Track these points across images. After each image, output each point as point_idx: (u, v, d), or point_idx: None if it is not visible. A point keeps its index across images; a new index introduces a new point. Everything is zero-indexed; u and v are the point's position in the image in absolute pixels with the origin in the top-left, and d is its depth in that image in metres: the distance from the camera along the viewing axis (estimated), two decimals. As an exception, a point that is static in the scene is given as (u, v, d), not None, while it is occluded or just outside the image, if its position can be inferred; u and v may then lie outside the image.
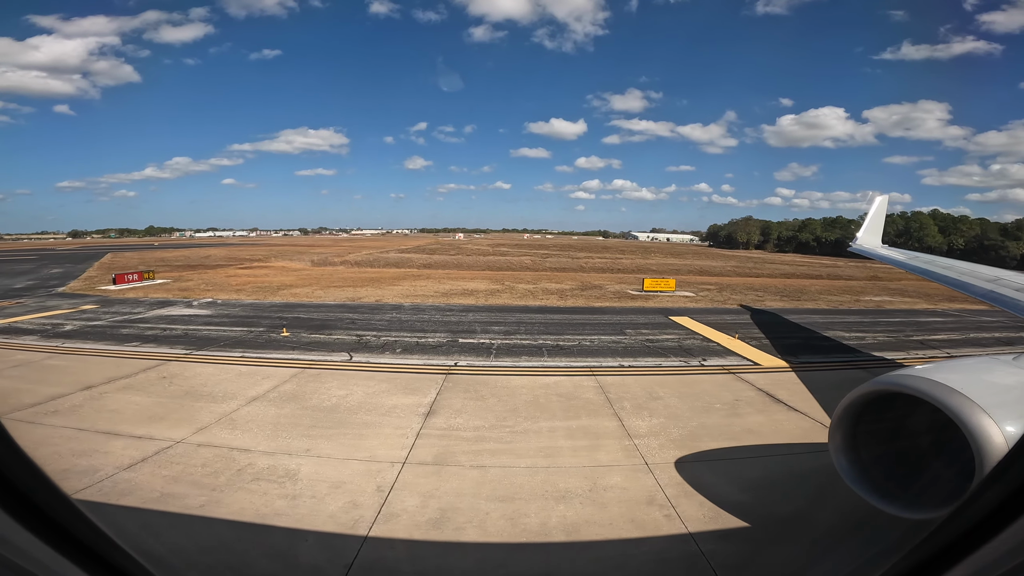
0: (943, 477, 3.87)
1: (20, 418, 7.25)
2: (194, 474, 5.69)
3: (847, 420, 4.05)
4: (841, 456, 4.05)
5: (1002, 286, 8.28)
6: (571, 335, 14.77)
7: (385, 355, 11.89)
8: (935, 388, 3.56)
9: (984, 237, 79.31)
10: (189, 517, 4.80)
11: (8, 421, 7.00)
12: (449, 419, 7.77)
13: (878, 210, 17.31)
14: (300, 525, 4.77)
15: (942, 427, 3.55)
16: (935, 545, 1.04)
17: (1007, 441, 3.19)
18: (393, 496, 5.36)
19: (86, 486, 5.21)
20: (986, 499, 0.95)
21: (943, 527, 1.02)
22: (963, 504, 1.00)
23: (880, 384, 3.93)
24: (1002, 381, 3.97)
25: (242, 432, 7.02)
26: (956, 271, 10.06)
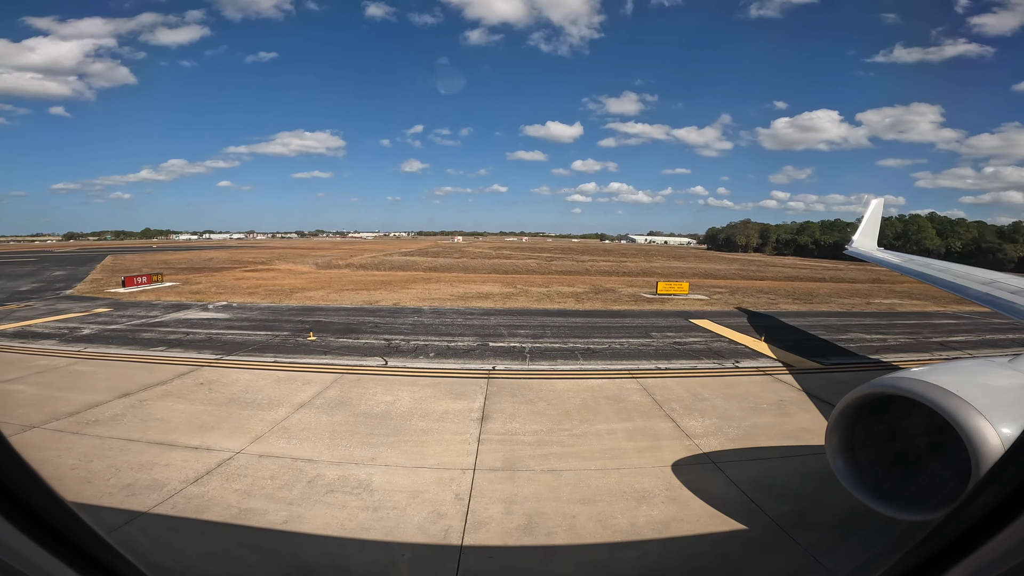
0: (939, 479, 3.86)
1: (60, 428, 6.95)
2: (265, 487, 5.45)
3: (844, 422, 4.03)
4: (838, 458, 4.03)
5: (997, 289, 8.29)
6: (599, 338, 14.70)
7: (420, 360, 11.67)
8: (931, 390, 3.54)
9: (981, 240, 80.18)
10: (277, 533, 4.59)
11: (47, 432, 6.79)
12: (505, 424, 7.67)
13: (873, 213, 17.37)
14: (391, 538, 4.63)
15: (938, 429, 3.53)
16: (933, 547, 1.04)
17: (1003, 443, 3.18)
18: (475, 504, 5.27)
19: (157, 502, 4.96)
20: (983, 501, 0.95)
21: (940, 529, 1.02)
22: (960, 506, 0.99)
23: (876, 386, 3.91)
24: (998, 383, 3.95)
25: (300, 441, 6.79)
26: (951, 274, 10.05)
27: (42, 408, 7.74)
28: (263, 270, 37.77)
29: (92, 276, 31.51)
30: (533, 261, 53.80)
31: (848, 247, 16.16)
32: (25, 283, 27.89)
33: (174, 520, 4.63)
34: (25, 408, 7.72)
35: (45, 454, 6.01)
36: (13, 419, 7.24)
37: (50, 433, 6.73)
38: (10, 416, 7.38)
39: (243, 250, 78.58)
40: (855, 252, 15.61)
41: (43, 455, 5.97)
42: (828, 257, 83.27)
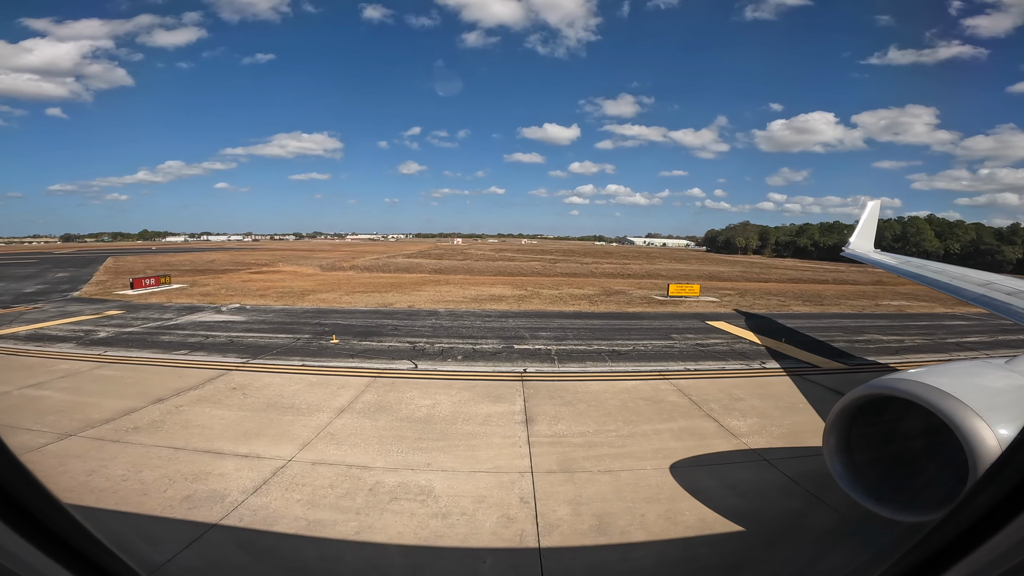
0: (937, 480, 3.86)
1: (99, 436, 6.73)
2: (327, 496, 5.29)
3: (841, 424, 4.03)
4: (835, 459, 4.03)
5: (993, 290, 8.31)
6: (621, 340, 14.65)
7: (448, 362, 11.52)
8: (928, 392, 3.55)
9: (980, 241, 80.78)
10: (354, 545, 4.46)
11: (87, 440, 6.60)
12: (551, 426, 7.66)
13: (870, 215, 17.41)
14: (467, 544, 4.58)
15: (936, 430, 3.53)
16: (931, 547, 1.03)
17: (1000, 444, 3.18)
18: (541, 506, 5.26)
19: (222, 515, 4.79)
20: (980, 502, 0.95)
21: (938, 530, 1.01)
22: (958, 507, 0.99)
23: (874, 388, 3.91)
24: (994, 384, 3.95)
25: (350, 447, 6.64)
26: (948, 275, 10.05)
27: (74, 415, 7.53)
28: (269, 272, 37.46)
29: (97, 278, 31.10)
30: (537, 263, 53.71)
31: (845, 249, 16.20)
32: (29, 285, 27.49)
33: (245, 533, 4.48)
34: (56, 415, 7.51)
35: (90, 464, 5.81)
36: (46, 426, 7.03)
37: (90, 442, 6.52)
38: (42, 423, 7.17)
39: (243, 252, 78.08)
40: (852, 254, 15.64)
41: (88, 465, 5.77)
42: (827, 259, 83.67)
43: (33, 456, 5.99)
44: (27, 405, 8.04)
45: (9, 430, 6.91)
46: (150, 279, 24.90)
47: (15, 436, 6.62)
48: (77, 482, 5.29)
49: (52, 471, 5.58)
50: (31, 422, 7.20)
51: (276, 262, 49.50)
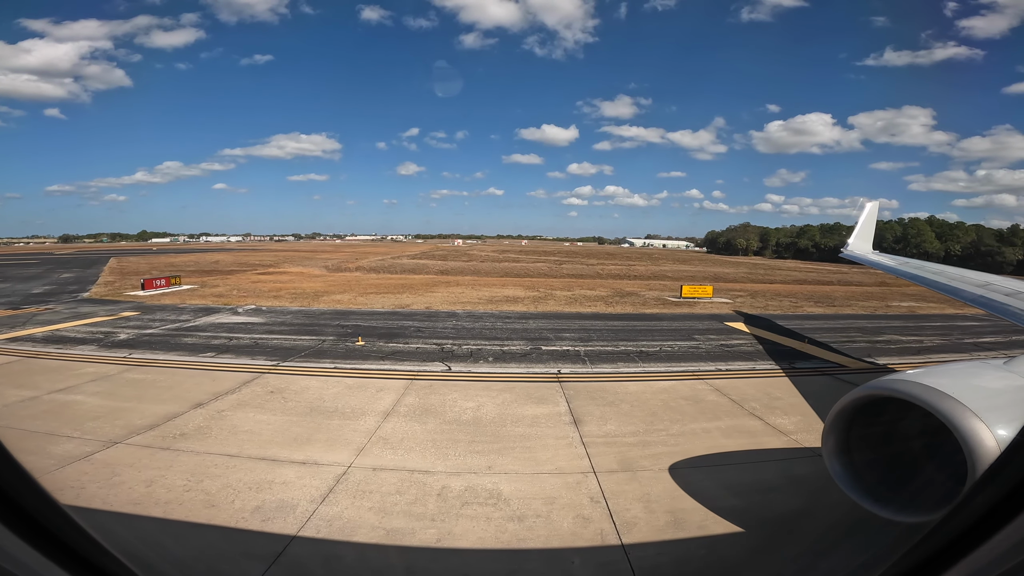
0: (936, 481, 3.87)
1: (147, 443, 6.53)
2: (398, 503, 5.15)
3: (840, 425, 4.04)
4: (834, 460, 4.05)
5: (991, 291, 8.30)
6: (646, 341, 14.62)
7: (480, 364, 11.38)
8: (927, 392, 3.55)
9: (980, 243, 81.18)
10: (440, 552, 4.35)
11: (136, 448, 6.39)
12: (600, 426, 7.68)
13: (868, 216, 17.41)
14: (550, 545, 4.54)
15: (934, 431, 3.54)
16: (930, 548, 1.03)
17: (999, 444, 3.18)
18: (613, 505, 5.29)
19: (298, 526, 4.62)
20: (979, 502, 0.95)
21: (937, 530, 1.01)
22: (956, 507, 0.99)
23: (872, 388, 3.91)
24: (993, 385, 3.96)
25: (405, 452, 6.50)
26: (946, 276, 10.04)
27: (115, 421, 7.33)
28: (276, 273, 37.17)
29: (103, 279, 30.77)
30: (543, 264, 53.60)
31: (844, 250, 16.20)
32: (36, 285, 27.17)
33: (327, 545, 4.33)
34: (96, 421, 7.30)
35: (146, 474, 5.61)
36: (87, 433, 6.82)
37: (139, 449, 6.32)
38: (82, 430, 6.95)
39: (245, 252, 77.67)
40: (850, 255, 15.63)
41: (144, 475, 5.57)
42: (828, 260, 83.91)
43: (81, 465, 5.78)
44: (61, 411, 7.81)
45: (48, 438, 6.67)
46: (161, 280, 24.64)
47: (56, 444, 6.40)
48: (138, 493, 5.10)
49: (105, 481, 5.38)
50: (70, 429, 6.98)
51: (281, 263, 49.19)
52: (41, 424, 7.22)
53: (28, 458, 5.82)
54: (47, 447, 6.30)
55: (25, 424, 7.23)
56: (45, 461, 5.83)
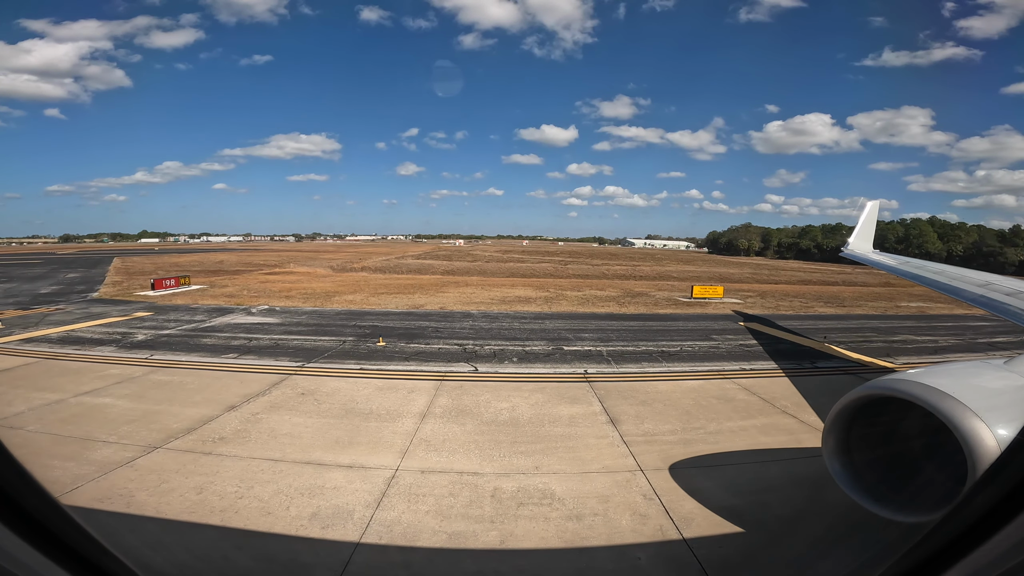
0: (936, 481, 3.87)
1: (188, 448, 6.38)
2: (454, 506, 5.08)
3: (840, 424, 4.03)
4: (835, 460, 4.04)
5: (992, 290, 8.31)
6: (665, 341, 14.60)
7: (506, 364, 11.29)
8: (927, 392, 3.54)
9: (982, 244, 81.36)
10: (505, 554, 4.33)
11: (177, 453, 6.27)
12: (638, 425, 7.70)
13: (869, 216, 17.44)
14: (613, 542, 4.58)
15: (934, 431, 3.53)
16: (930, 548, 1.03)
17: (999, 444, 3.18)
18: (667, 501, 5.33)
19: (358, 532, 4.53)
20: (979, 502, 0.95)
21: (937, 530, 1.01)
22: (957, 507, 0.99)
23: (873, 388, 3.90)
24: (993, 385, 3.95)
25: (449, 454, 6.43)
26: (947, 276, 10.04)
27: (149, 424, 7.19)
28: (282, 273, 37.02)
29: (110, 278, 30.61)
30: (548, 265, 53.52)
31: (844, 250, 16.23)
32: (43, 285, 27.00)
33: (393, 551, 4.27)
34: (131, 425, 7.16)
35: (194, 480, 5.47)
36: (124, 438, 6.68)
37: (181, 455, 6.19)
38: (118, 434, 6.81)
39: (247, 253, 77.46)
40: (851, 254, 15.66)
41: (193, 481, 5.44)
42: (830, 261, 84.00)
43: (125, 472, 5.62)
44: (91, 414, 7.67)
45: (83, 443, 6.50)
46: (170, 280, 24.50)
47: (93, 449, 6.25)
48: (190, 501, 4.98)
49: (155, 489, 5.24)
50: (104, 433, 6.84)
51: (285, 263, 49.03)
52: (73, 428, 7.07)
53: (67, 464, 5.77)
54: (84, 453, 6.16)
55: (55, 428, 7.07)
56: (85, 468, 5.69)
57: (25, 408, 7.91)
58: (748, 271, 53.97)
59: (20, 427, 7.13)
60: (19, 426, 7.17)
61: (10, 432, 6.90)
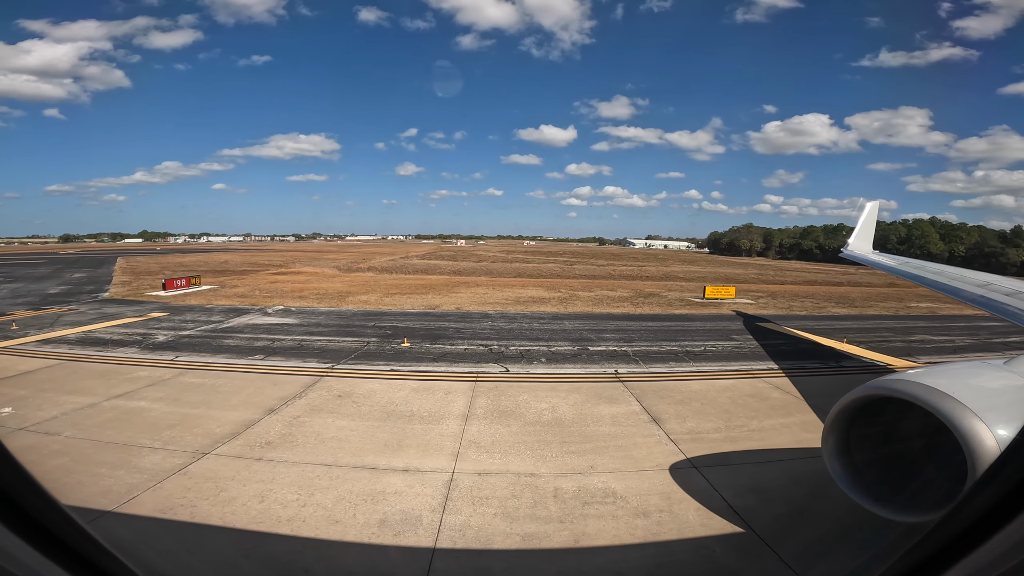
0: (936, 481, 3.86)
1: (237, 453, 6.23)
2: (519, 507, 5.03)
3: (840, 425, 4.03)
4: (835, 460, 4.04)
5: (992, 291, 8.33)
6: (688, 341, 14.62)
7: (535, 365, 11.21)
8: (927, 392, 3.54)
9: (984, 244, 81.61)
10: (583, 552, 4.30)
11: (228, 459, 6.12)
12: (681, 424, 7.74)
13: (868, 216, 17.50)
14: (685, 536, 4.68)
15: (934, 431, 3.53)
16: (930, 548, 1.03)
17: (999, 444, 3.18)
18: (728, 496, 5.39)
19: (431, 538, 4.45)
20: (979, 502, 0.95)
21: (937, 530, 1.01)
22: (957, 507, 0.99)
23: (873, 388, 3.89)
24: (993, 385, 3.96)
25: (502, 455, 6.37)
26: (946, 276, 10.07)
27: (192, 429, 7.05)
28: (290, 273, 36.86)
29: (118, 278, 30.41)
30: (553, 265, 53.44)
31: (844, 250, 16.28)
32: (50, 285, 26.79)
33: (471, 555, 4.20)
34: (173, 430, 7.01)
35: (253, 488, 5.33)
36: (170, 443, 6.53)
37: (232, 460, 6.05)
38: (162, 440, 6.65)
39: (251, 253, 77.20)
40: (851, 255, 15.70)
41: (252, 489, 5.29)
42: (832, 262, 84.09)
43: (180, 480, 5.46)
44: (129, 419, 7.51)
45: (128, 449, 6.32)
46: (181, 280, 24.35)
47: (140, 456, 6.10)
48: (255, 510, 4.85)
49: (215, 498, 5.09)
50: (147, 438, 6.68)
51: (290, 263, 48.85)
52: (113, 434, 6.91)
53: (117, 472, 5.60)
54: (131, 460, 6.01)
55: (94, 434, 6.89)
56: (136, 476, 5.52)
57: (57, 412, 7.73)
58: (753, 271, 53.99)
59: (56, 433, 6.93)
60: (54, 432, 6.96)
61: (47, 439, 6.72)
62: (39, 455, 6.11)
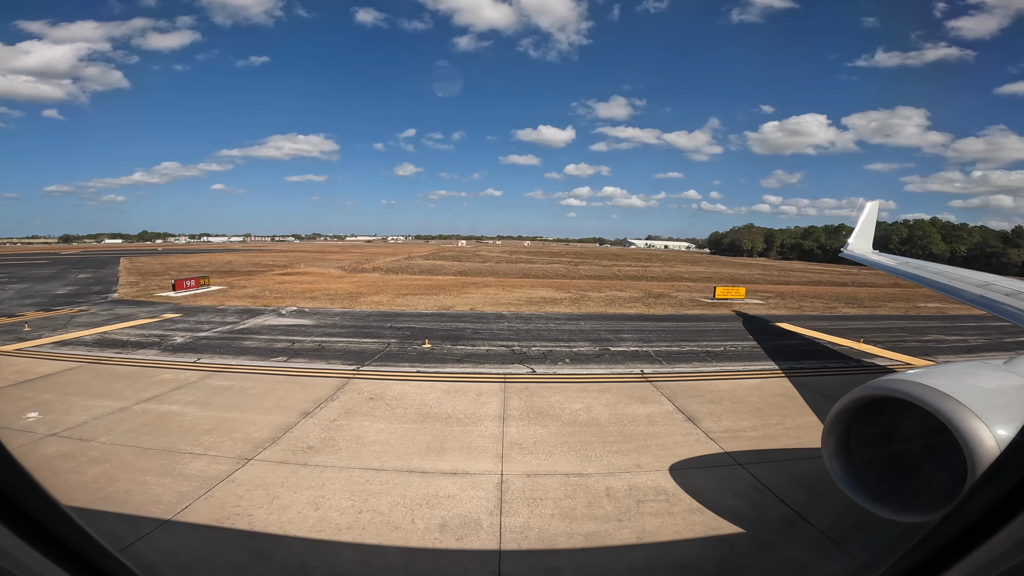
0: (935, 481, 3.87)
1: (281, 459, 6.12)
2: (575, 507, 5.03)
3: (840, 425, 4.04)
4: (835, 461, 4.04)
5: (992, 291, 8.35)
6: (706, 341, 14.66)
7: (560, 366, 11.17)
8: (927, 392, 3.55)
9: (986, 244, 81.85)
10: (651, 548, 4.32)
11: (273, 465, 6.04)
12: (717, 423, 7.79)
13: (868, 216, 17.54)
14: (744, 530, 4.68)
15: (934, 431, 3.54)
16: (930, 548, 1.03)
17: (998, 444, 3.19)
18: (779, 492, 5.45)
19: (496, 543, 4.41)
20: (979, 502, 0.95)
21: (937, 530, 1.01)
22: (956, 507, 0.99)
23: (872, 389, 3.90)
24: (993, 385, 3.97)
25: (547, 456, 6.35)
26: (946, 276, 10.09)
27: (230, 433, 6.95)
28: (296, 273, 36.75)
29: (125, 279, 30.27)
30: (558, 266, 53.40)
31: (844, 250, 16.34)
32: (57, 286, 26.65)
33: (538, 556, 4.18)
34: (211, 435, 6.90)
35: (305, 495, 5.23)
36: (212, 449, 6.43)
37: (277, 467, 5.95)
38: (203, 445, 6.54)
39: (253, 253, 77.00)
40: (851, 255, 15.74)
41: (304, 496, 5.20)
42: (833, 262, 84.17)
43: (230, 488, 5.35)
44: (163, 423, 7.38)
45: (169, 455, 6.20)
46: (191, 281, 24.25)
47: (183, 462, 5.99)
48: (312, 518, 4.76)
49: (269, 505, 4.98)
50: (187, 444, 6.58)
51: (294, 264, 48.71)
52: (150, 439, 6.78)
53: (164, 480, 5.50)
54: (175, 466, 5.89)
55: (132, 440, 6.76)
56: (184, 484, 5.40)
57: (88, 417, 7.59)
58: (757, 272, 54.03)
59: (91, 439, 6.78)
60: (89, 437, 6.83)
61: (83, 445, 6.56)
62: (77, 462, 5.97)
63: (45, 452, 6.40)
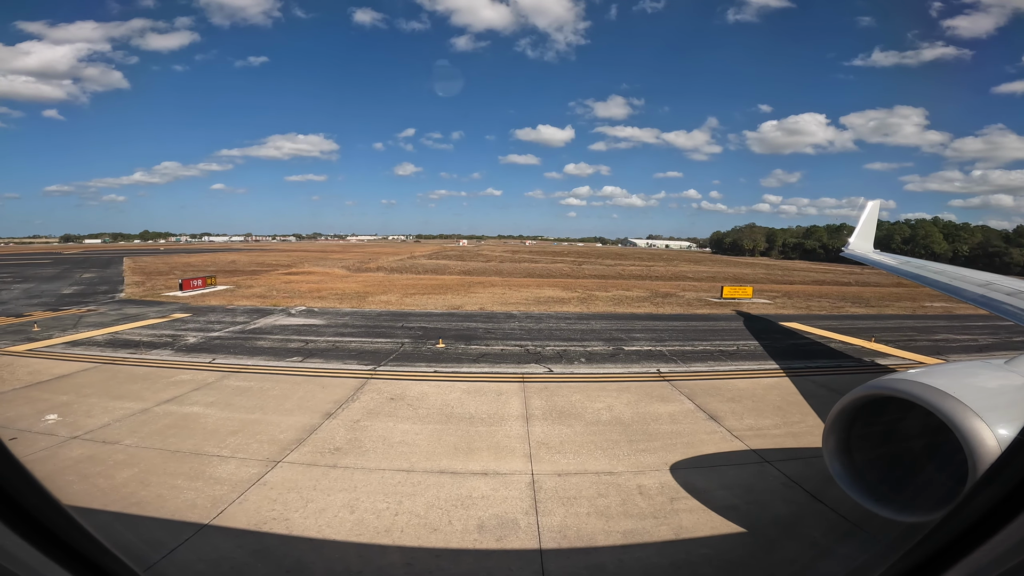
0: (936, 480, 3.87)
1: (310, 461, 6.08)
2: (610, 506, 5.06)
3: (840, 424, 4.03)
4: (835, 460, 4.04)
5: (993, 291, 8.36)
6: (719, 340, 14.67)
7: (576, 365, 11.16)
8: (928, 392, 3.54)
9: (988, 244, 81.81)
10: (692, 543, 4.36)
11: (302, 468, 5.99)
12: (739, 421, 7.82)
13: (869, 215, 17.54)
14: (780, 524, 4.74)
15: (935, 431, 3.53)
16: (930, 548, 1.04)
17: (1000, 444, 3.18)
18: (809, 487, 5.52)
19: (535, 543, 4.40)
20: (980, 502, 0.95)
21: (938, 530, 1.01)
22: (957, 507, 0.99)
23: (873, 388, 3.89)
24: (994, 384, 3.96)
25: (575, 455, 6.34)
26: (947, 276, 10.08)
27: (255, 435, 6.91)
28: (302, 273, 36.71)
29: (131, 279, 30.24)
30: (562, 265, 53.38)
31: (845, 249, 16.33)
32: (62, 286, 26.61)
33: (581, 555, 4.19)
34: (236, 437, 6.85)
35: (339, 497, 5.19)
36: (239, 451, 6.37)
37: (307, 469, 5.91)
38: (229, 448, 6.50)
39: (256, 253, 76.95)
40: (852, 254, 15.74)
41: (338, 499, 5.16)
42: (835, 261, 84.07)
43: (263, 491, 5.29)
44: (187, 425, 7.32)
45: (197, 458, 6.15)
46: (197, 280, 24.22)
47: (211, 465, 5.94)
48: (350, 521, 4.73)
49: (304, 509, 4.93)
50: (214, 447, 6.53)
51: (298, 263, 48.68)
52: (176, 442, 6.72)
53: (195, 484, 5.45)
54: (205, 469, 5.84)
55: (157, 442, 6.69)
56: (216, 488, 5.35)
57: (109, 419, 7.52)
58: (761, 271, 53.99)
59: (115, 441, 6.71)
60: (113, 440, 6.75)
61: (108, 448, 6.47)
62: (104, 466, 5.90)
63: (69, 455, 6.33)
